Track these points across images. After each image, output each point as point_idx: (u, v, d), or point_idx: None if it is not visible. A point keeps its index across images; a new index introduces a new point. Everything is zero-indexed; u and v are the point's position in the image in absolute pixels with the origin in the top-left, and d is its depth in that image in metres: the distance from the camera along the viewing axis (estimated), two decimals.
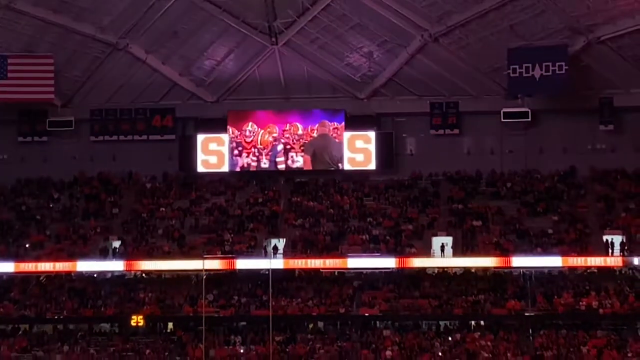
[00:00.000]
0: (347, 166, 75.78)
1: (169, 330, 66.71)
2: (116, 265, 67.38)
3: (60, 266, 66.61)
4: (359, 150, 75.38)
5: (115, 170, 78.25)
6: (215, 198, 75.52)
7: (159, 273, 69.16)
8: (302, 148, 75.67)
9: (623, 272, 63.93)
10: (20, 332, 64.65)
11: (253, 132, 76.18)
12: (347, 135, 74.74)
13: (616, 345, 58.92)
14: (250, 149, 76.39)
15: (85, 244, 70.08)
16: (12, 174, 76.42)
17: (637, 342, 59.77)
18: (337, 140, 75.59)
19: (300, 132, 75.66)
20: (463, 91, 73.90)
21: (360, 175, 75.32)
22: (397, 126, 76.87)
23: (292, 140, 75.57)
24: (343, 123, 74.92)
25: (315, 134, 75.41)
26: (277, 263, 65.07)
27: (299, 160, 75.89)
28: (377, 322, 64.85)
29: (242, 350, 62.53)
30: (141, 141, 77.79)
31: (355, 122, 74.93)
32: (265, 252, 67.23)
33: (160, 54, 71.26)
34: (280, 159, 76.02)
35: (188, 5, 66.24)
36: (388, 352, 60.03)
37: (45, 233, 70.39)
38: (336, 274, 67.07)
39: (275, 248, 68.25)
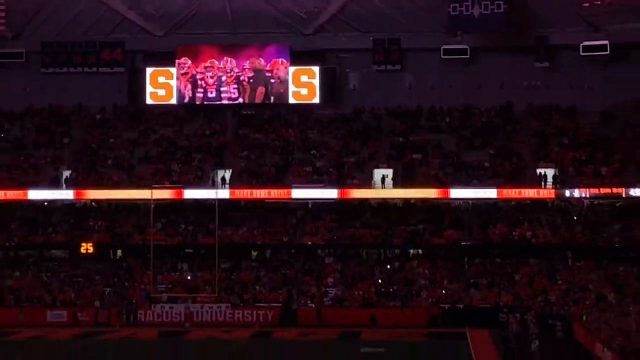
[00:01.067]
0: (291, 100, 77.01)
1: (118, 257, 69.09)
2: (66, 194, 69.06)
3: (12, 194, 68.21)
4: (303, 85, 76.51)
5: (65, 102, 79.07)
6: (164, 130, 76.86)
7: (109, 202, 70.70)
8: (250, 81, 76.44)
9: (555, 204, 67.19)
10: None
11: (200, 66, 77.49)
12: (292, 69, 76.22)
13: (547, 273, 62.51)
14: (196, 81, 77.42)
15: (36, 173, 71.10)
16: None
17: (567, 271, 63.12)
18: (267, 74, 77.14)
19: (235, 66, 76.76)
20: (405, 28, 75.49)
21: (304, 109, 77.55)
22: (340, 62, 78.07)
23: (232, 74, 76.53)
24: (288, 58, 76.81)
25: (247, 66, 76.84)
26: (224, 193, 66.89)
27: (234, 93, 76.81)
28: (320, 251, 67.46)
29: (188, 277, 65.05)
30: (91, 74, 78.26)
31: (300, 58, 76.33)
32: (213, 182, 69.06)
33: None
34: (224, 88, 76.98)
35: None
36: (330, 280, 63.08)
37: None
38: (281, 204, 69.39)
39: (223, 179, 69.85)
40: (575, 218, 67.80)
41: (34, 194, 68.14)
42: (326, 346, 53.72)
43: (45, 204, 70.34)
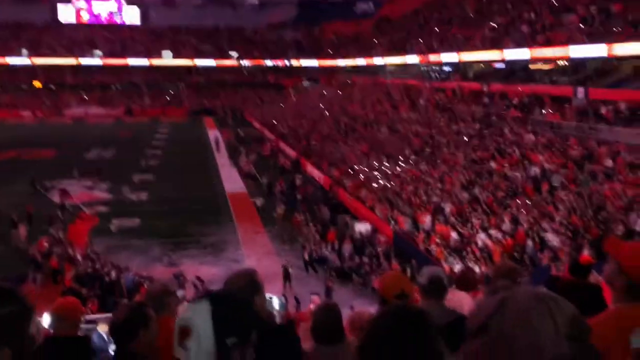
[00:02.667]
0: (126, 23, 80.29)
1: (53, 90, 70.07)
2: (26, 61, 69.91)
3: None
4: (131, 14, 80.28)
5: (31, 20, 75.93)
6: (68, 31, 76.29)
7: (44, 65, 70.03)
8: (103, 11, 79.79)
9: (238, 67, 76.76)
10: None
11: (80, 4, 78.35)
12: (126, 7, 79.71)
13: (232, 92, 71.91)
14: (79, 11, 79.00)
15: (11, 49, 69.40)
16: None
17: (236, 93, 71.98)
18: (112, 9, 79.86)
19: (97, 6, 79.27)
20: None
21: (132, 25, 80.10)
22: (148, 7, 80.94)
23: (96, 9, 79.46)
24: (122, 3, 79.63)
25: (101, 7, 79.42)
26: (98, 61, 72.15)
27: (97, 18, 79.77)
28: (140, 85, 74.42)
29: (85, 97, 69.10)
30: (36, 7, 75.48)
31: (130, 3, 79.46)
32: (92, 55, 74.03)
33: None
34: (95, 14, 79.64)
35: None
36: (146, 97, 70.70)
37: None
38: (123, 65, 73.61)
39: (98, 54, 72.59)
40: (246, 73, 76.67)
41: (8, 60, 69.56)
42: (145, 124, 58.87)
43: (10, 65, 69.51)
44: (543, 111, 26.33)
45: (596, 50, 24.86)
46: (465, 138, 26.49)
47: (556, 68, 31.16)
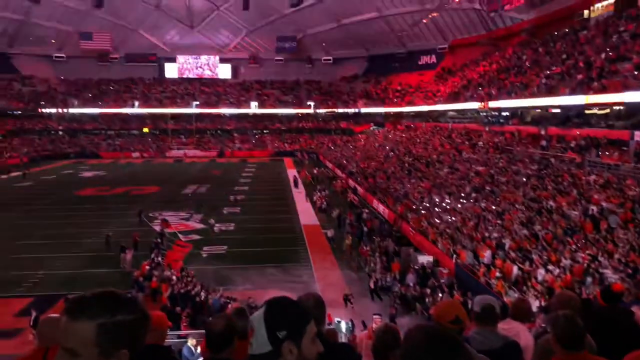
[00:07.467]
0: None
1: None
2: None
3: None
4: (224, 70, 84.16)
5: None
6: None
7: None
8: None
9: None
10: None
11: None
12: (221, 65, 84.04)
13: (317, 137, 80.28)
14: None
15: None
16: None
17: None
18: None
19: None
20: None
21: None
22: (238, 62, 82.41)
23: None
24: None
25: None
26: None
27: None
28: (230, 129, 79.98)
29: (183, 138, 70.85)
30: None
31: (225, 61, 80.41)
32: None
33: None
34: None
35: None
36: (236, 141, 72.40)
37: None
38: None
39: None
40: (321, 120, 76.10)
41: (123, 110, 73.23)
42: (235, 164, 59.58)
43: (125, 114, 72.07)
44: (599, 153, 24.84)
45: None
46: (523, 178, 25.40)
47: (611, 112, 29.51)
